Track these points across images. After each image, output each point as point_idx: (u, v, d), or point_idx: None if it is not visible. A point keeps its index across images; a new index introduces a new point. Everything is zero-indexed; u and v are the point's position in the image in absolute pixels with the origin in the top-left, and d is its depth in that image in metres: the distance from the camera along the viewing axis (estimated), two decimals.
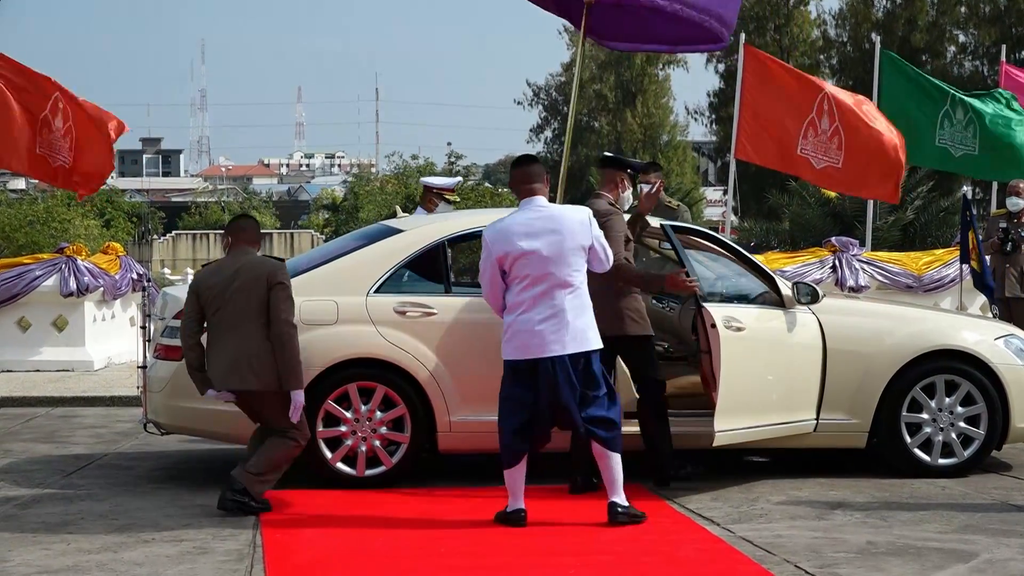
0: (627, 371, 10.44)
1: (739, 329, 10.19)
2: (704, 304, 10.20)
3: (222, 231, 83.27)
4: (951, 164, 21.04)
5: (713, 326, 10.08)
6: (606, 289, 9.96)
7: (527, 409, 8.99)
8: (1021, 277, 16.19)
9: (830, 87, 19.52)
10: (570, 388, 8.90)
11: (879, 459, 10.98)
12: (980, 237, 15.64)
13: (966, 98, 20.60)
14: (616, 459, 9.05)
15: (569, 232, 8.94)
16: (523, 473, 9.09)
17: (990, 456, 11.11)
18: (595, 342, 8.99)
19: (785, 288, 10.76)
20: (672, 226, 10.77)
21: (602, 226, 9.58)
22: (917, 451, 10.85)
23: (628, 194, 10.72)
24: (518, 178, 9.17)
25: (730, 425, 10.13)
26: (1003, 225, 16.16)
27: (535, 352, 8.88)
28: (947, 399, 10.86)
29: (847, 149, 18.58)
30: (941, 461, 10.88)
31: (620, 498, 9.07)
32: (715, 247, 11.13)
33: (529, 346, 8.90)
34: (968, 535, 8.82)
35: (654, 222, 11.09)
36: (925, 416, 10.84)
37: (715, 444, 10.12)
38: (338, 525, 9.16)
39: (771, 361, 10.46)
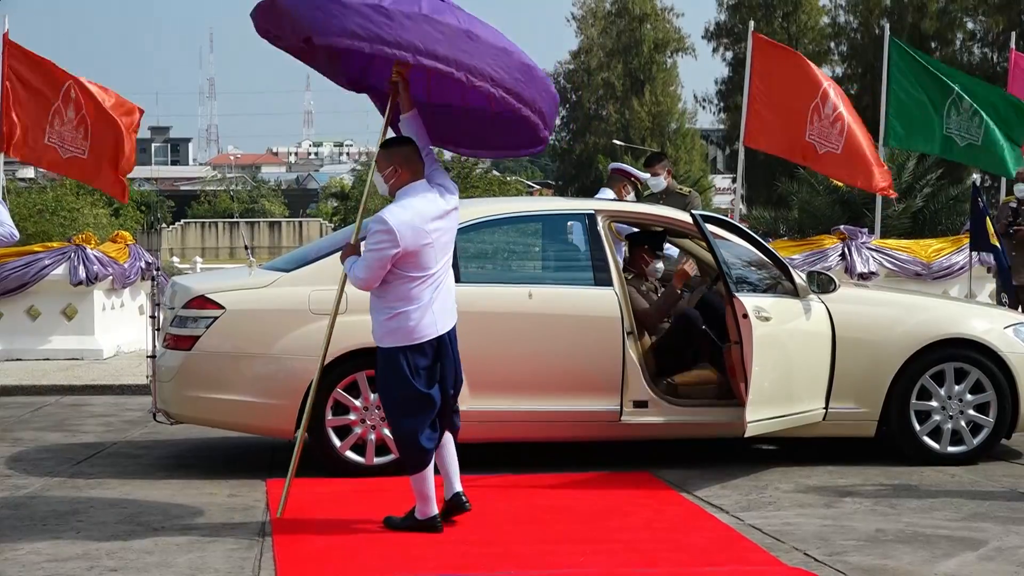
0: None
1: (767, 319, 10.20)
2: (736, 294, 10.20)
3: (230, 220, 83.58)
4: (955, 153, 21.08)
5: (745, 316, 10.07)
6: None
7: (433, 403, 8.55)
8: None
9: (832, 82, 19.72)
10: (455, 365, 8.66)
11: (888, 447, 10.98)
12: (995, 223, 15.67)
13: (974, 88, 20.61)
14: None
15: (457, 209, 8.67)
16: (432, 474, 8.62)
17: (999, 444, 11.10)
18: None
19: (799, 277, 10.75)
20: (700, 216, 10.69)
21: None
22: (926, 439, 10.84)
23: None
24: (415, 157, 8.52)
25: (760, 415, 10.12)
26: (1013, 205, 16.26)
27: (432, 332, 8.49)
28: (956, 387, 10.86)
29: (848, 135, 18.75)
30: (950, 449, 10.87)
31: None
32: (732, 236, 11.06)
33: (434, 324, 8.48)
34: (977, 523, 8.82)
35: (684, 214, 11.34)
36: (934, 404, 10.84)
37: (747, 435, 10.10)
38: (347, 513, 9.16)
39: (793, 350, 10.47)
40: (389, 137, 8.81)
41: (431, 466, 8.59)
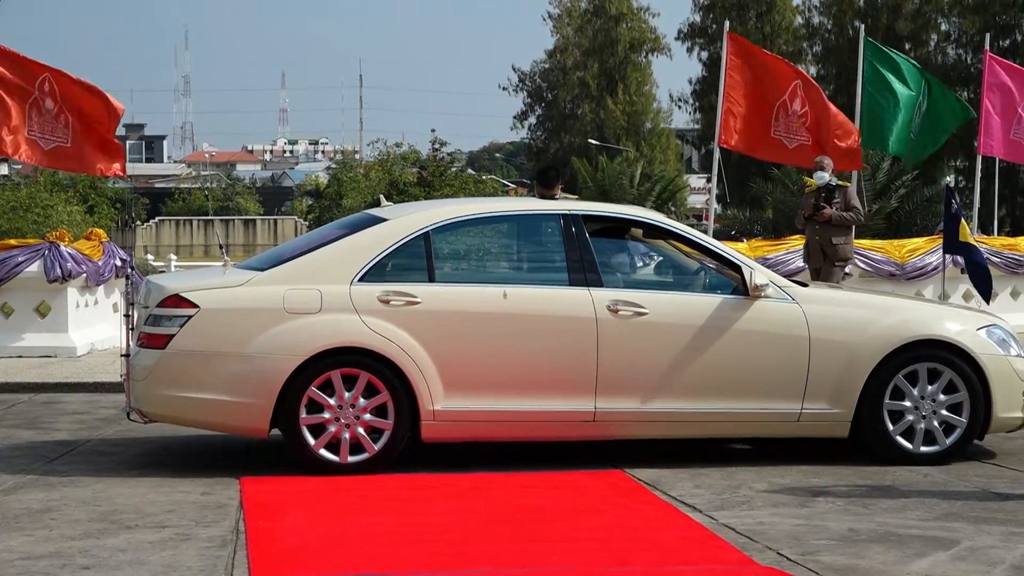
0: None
1: (639, 313, 10.52)
2: (591, 288, 10.61)
3: (205, 217, 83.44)
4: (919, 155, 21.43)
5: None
6: None
7: None
8: (831, 247, 17.03)
9: (804, 75, 19.94)
10: None
11: (861, 446, 11.02)
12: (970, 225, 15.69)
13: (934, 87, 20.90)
14: None
15: None
16: None
17: (972, 444, 11.14)
18: None
19: (750, 278, 10.80)
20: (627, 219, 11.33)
21: None
22: (899, 439, 10.88)
23: None
24: None
25: (611, 405, 10.53)
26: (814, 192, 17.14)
27: None
28: (929, 387, 10.90)
29: (812, 127, 19.09)
30: (923, 449, 10.91)
31: None
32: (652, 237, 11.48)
33: None
34: (949, 522, 8.86)
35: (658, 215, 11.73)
36: (907, 404, 10.87)
37: (595, 418, 10.51)
38: (321, 512, 9.16)
39: (686, 347, 10.66)
40: None
41: None
